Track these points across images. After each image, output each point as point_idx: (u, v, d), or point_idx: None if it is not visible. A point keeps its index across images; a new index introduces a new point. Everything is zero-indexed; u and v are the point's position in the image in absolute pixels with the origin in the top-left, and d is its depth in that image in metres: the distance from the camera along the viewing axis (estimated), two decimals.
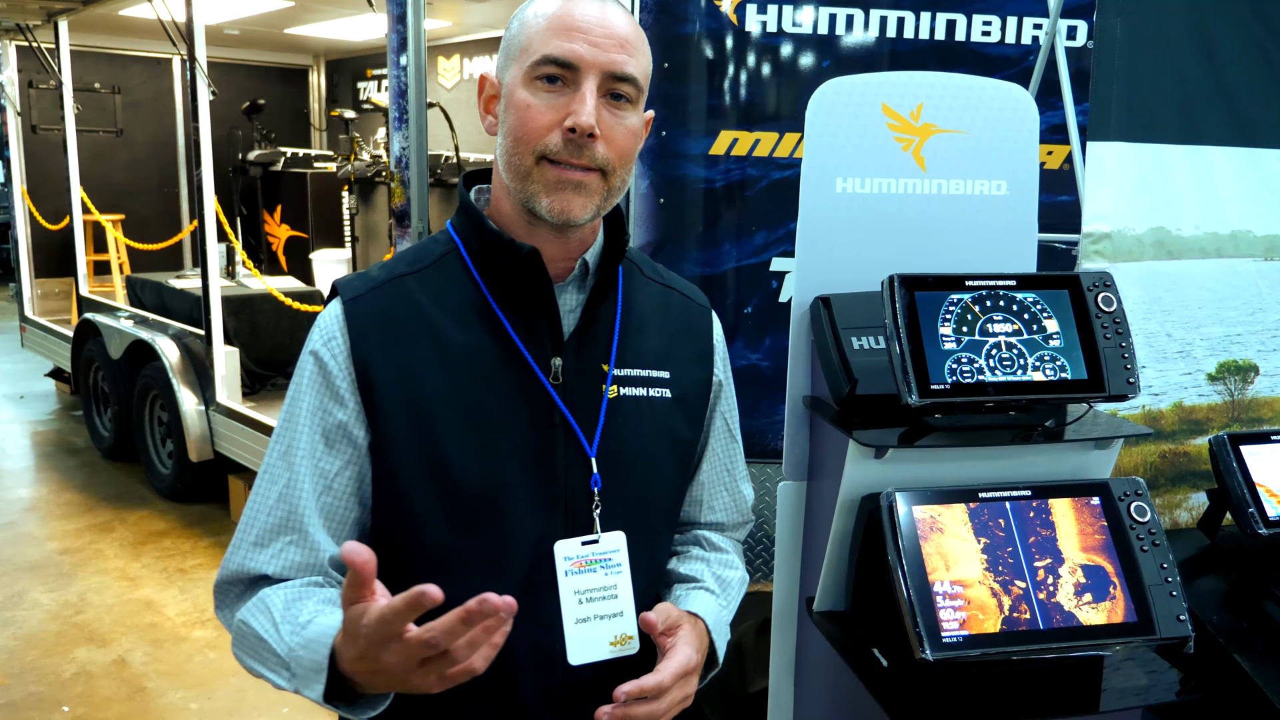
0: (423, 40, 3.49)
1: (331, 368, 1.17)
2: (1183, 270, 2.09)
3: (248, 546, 1.17)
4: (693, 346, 1.37)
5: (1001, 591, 1.48)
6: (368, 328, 1.18)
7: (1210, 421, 2.14)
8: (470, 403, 1.18)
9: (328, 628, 1.03)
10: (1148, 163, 2.04)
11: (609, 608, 1.21)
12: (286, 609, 1.10)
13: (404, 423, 1.16)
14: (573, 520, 1.22)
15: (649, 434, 1.29)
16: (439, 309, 1.20)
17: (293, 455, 1.16)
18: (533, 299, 1.21)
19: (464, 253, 1.25)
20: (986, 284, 1.63)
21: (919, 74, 1.89)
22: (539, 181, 1.16)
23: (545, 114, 1.15)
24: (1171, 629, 1.51)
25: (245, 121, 7.33)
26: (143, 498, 5.53)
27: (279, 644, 1.07)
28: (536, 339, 1.22)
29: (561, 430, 1.21)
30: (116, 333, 5.69)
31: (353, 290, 1.21)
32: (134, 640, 3.99)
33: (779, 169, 2.76)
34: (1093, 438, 1.65)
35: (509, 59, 1.19)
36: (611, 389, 1.25)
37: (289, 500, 1.16)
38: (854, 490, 1.66)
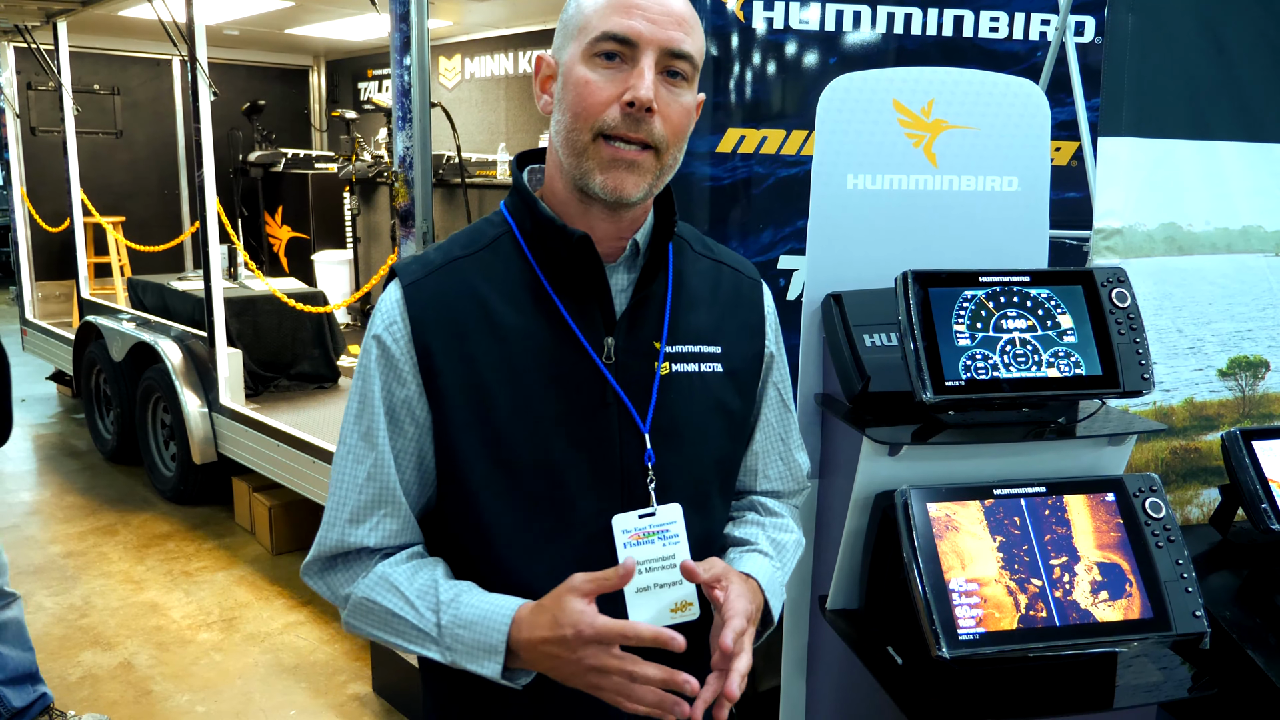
0: (426, 40, 3.49)
1: (394, 351, 1.22)
2: (1194, 266, 2.09)
3: (343, 524, 1.25)
4: (743, 320, 1.37)
5: (1018, 590, 1.47)
6: (426, 312, 1.22)
7: (1221, 417, 2.14)
8: (525, 384, 1.21)
9: (494, 612, 1.15)
10: (1158, 158, 2.03)
11: (668, 576, 1.23)
12: (411, 583, 1.21)
13: (462, 404, 1.21)
14: (629, 494, 1.25)
15: (700, 408, 1.31)
16: (494, 291, 1.23)
17: (374, 435, 1.23)
18: (585, 282, 1.24)
19: (518, 234, 1.27)
20: (1000, 280, 1.62)
21: (930, 70, 1.89)
22: (594, 158, 1.18)
23: (604, 89, 1.16)
24: (1187, 625, 1.51)
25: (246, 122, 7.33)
26: (146, 500, 5.51)
27: (421, 620, 1.19)
28: (589, 319, 1.24)
29: (615, 408, 1.24)
30: (118, 335, 5.67)
31: (411, 275, 1.24)
32: (139, 643, 3.97)
33: (786, 166, 2.76)
34: (1106, 434, 1.65)
35: (567, 38, 1.21)
36: (663, 366, 1.28)
37: (379, 478, 1.23)
38: (867, 488, 1.65)
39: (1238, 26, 2.04)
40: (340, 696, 3.59)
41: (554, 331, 1.23)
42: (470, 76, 7.34)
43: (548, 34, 6.34)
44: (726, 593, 1.19)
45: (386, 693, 3.57)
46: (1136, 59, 1.97)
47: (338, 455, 1.27)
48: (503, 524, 1.22)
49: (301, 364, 5.60)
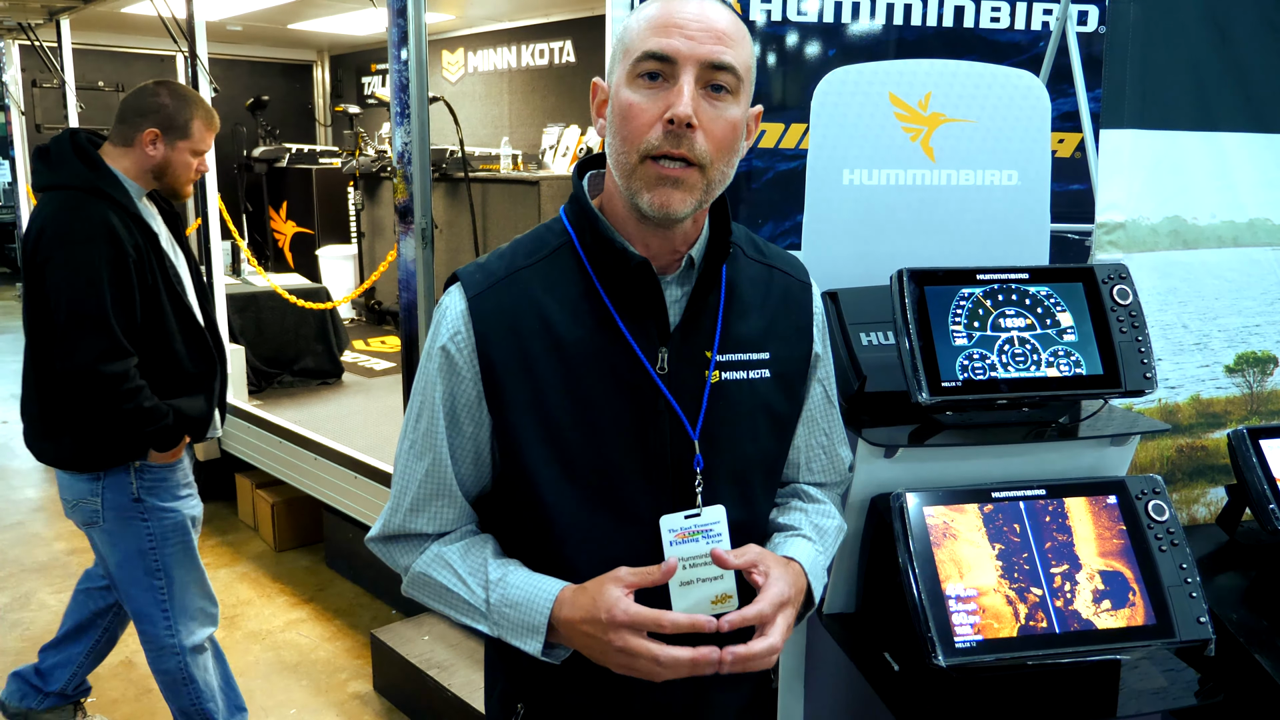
0: (423, 34, 3.45)
1: (458, 360, 1.28)
2: (1199, 260, 2.04)
3: (405, 512, 1.35)
4: (792, 323, 1.41)
5: (1017, 599, 1.44)
6: (490, 325, 1.27)
7: (1228, 414, 2.10)
8: (583, 393, 1.27)
9: (538, 593, 1.25)
10: (1162, 150, 1.99)
11: (710, 572, 1.30)
12: (464, 561, 1.32)
13: (524, 411, 1.27)
14: (679, 495, 1.31)
15: (748, 413, 1.36)
16: (554, 302, 1.28)
17: (434, 437, 1.32)
18: (643, 301, 1.28)
19: (578, 246, 1.31)
20: (998, 277, 1.59)
21: (927, 62, 1.85)
22: (641, 178, 1.21)
23: (647, 110, 1.19)
24: (1191, 631, 1.47)
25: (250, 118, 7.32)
26: None
27: (471, 596, 1.30)
28: (644, 331, 1.29)
29: (667, 416, 1.29)
30: None
31: (476, 286, 1.29)
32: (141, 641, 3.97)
33: (785, 160, 2.71)
34: (1109, 434, 1.61)
35: (615, 61, 1.25)
36: (714, 374, 1.32)
37: (436, 476, 1.33)
38: (864, 490, 1.62)
39: (1243, 14, 1.99)
40: (341, 695, 3.58)
41: (611, 343, 1.28)
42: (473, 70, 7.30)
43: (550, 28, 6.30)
44: (766, 577, 1.25)
45: (388, 691, 3.55)
46: (1139, 48, 1.93)
47: (401, 448, 1.37)
48: (561, 517, 1.29)
49: (305, 360, 5.59)
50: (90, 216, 2.49)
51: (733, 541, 1.31)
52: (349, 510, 4.21)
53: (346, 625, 4.06)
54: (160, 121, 2.67)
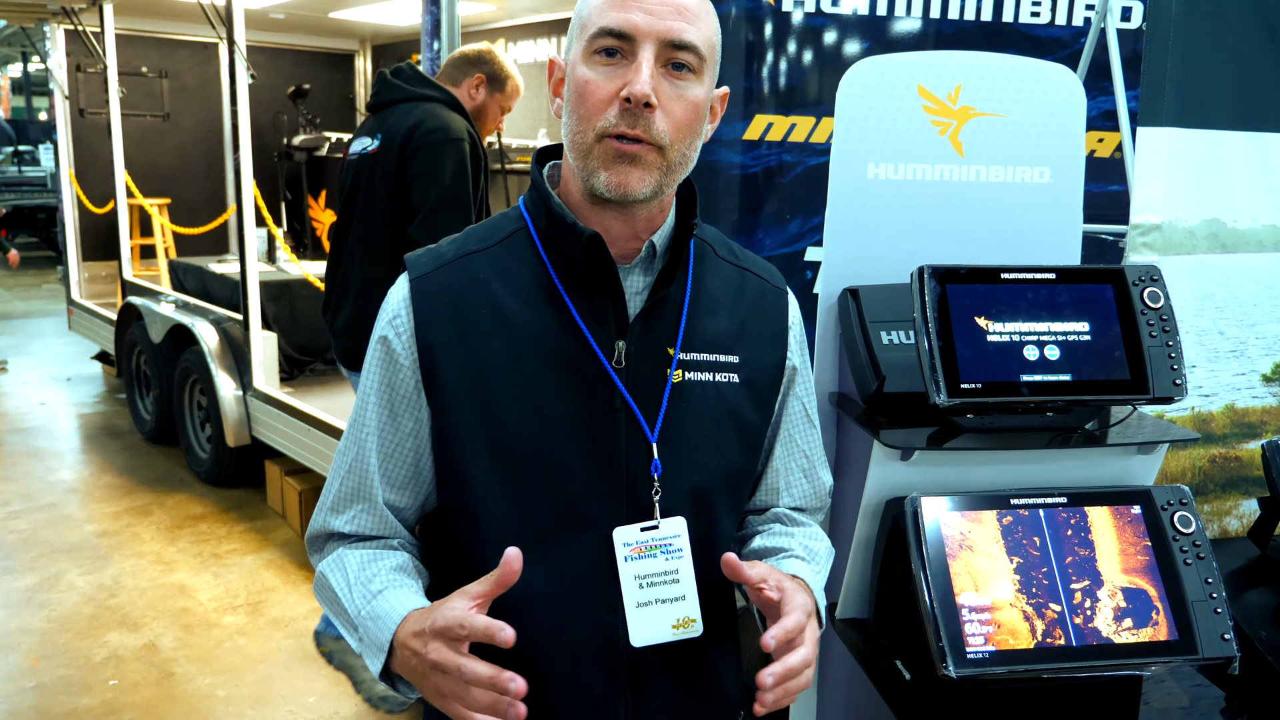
0: (456, 22, 3.44)
1: (396, 346, 1.21)
2: (1238, 264, 1.97)
3: (326, 510, 1.28)
4: (765, 329, 1.33)
5: (1034, 615, 1.39)
6: (433, 306, 1.20)
7: (1264, 425, 2.02)
8: (531, 383, 1.19)
9: (394, 609, 1.13)
10: (1202, 149, 1.92)
11: (670, 592, 1.21)
12: (360, 570, 1.21)
13: (465, 400, 1.19)
14: (634, 503, 1.21)
15: (713, 419, 1.26)
16: (505, 287, 1.21)
17: (360, 429, 1.24)
18: (597, 282, 1.21)
19: (533, 231, 1.25)
20: (1024, 277, 1.53)
21: (957, 54, 1.80)
22: (598, 157, 1.15)
23: (604, 87, 1.14)
24: (1215, 649, 1.41)
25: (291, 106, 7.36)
26: (182, 481, 5.57)
27: (350, 605, 1.18)
28: (600, 321, 1.21)
29: (623, 414, 1.21)
30: (158, 317, 5.73)
31: (420, 268, 1.23)
32: (165, 625, 4.00)
33: (815, 155, 2.67)
34: (1136, 442, 1.55)
35: (572, 39, 1.20)
36: (676, 373, 1.24)
37: (358, 472, 1.25)
38: (879, 493, 1.58)
39: None
40: None
41: (564, 331, 1.20)
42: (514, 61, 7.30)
43: None
44: (783, 591, 1.15)
45: None
46: (1181, 43, 1.86)
47: (340, 441, 1.30)
48: (504, 527, 1.19)
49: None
50: (457, 123, 3.05)
51: (695, 559, 1.21)
52: None
53: None
54: (488, 72, 3.26)
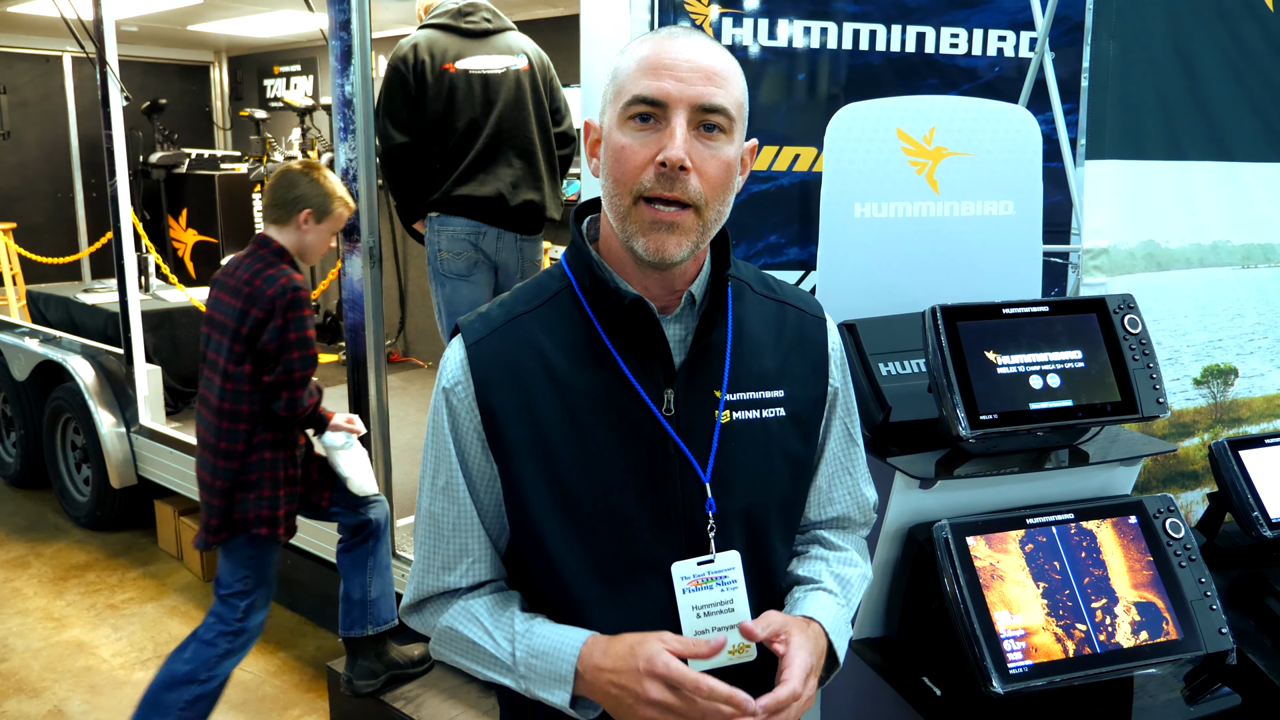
0: (369, 47, 3.37)
1: (459, 410, 1.26)
2: (1170, 280, 2.17)
3: (438, 570, 1.32)
4: (807, 360, 1.37)
5: (1065, 636, 1.51)
6: (489, 371, 1.25)
7: (1196, 424, 2.23)
8: (588, 439, 1.24)
9: (563, 642, 1.21)
10: (1138, 179, 2.10)
11: (726, 620, 1.27)
12: (493, 616, 1.28)
13: (528, 459, 1.24)
14: (691, 539, 1.27)
15: (762, 454, 1.32)
16: (555, 347, 1.26)
17: (454, 490, 1.29)
18: (643, 339, 1.25)
19: (578, 290, 1.28)
20: (1022, 311, 1.65)
21: (930, 98, 1.91)
22: (635, 221, 1.19)
23: (639, 152, 1.18)
24: (1215, 643, 1.56)
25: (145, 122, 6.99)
26: (58, 528, 5.22)
27: (497, 649, 1.25)
28: (649, 373, 1.26)
29: (677, 460, 1.26)
30: (21, 352, 5.34)
31: (474, 334, 1.27)
32: (69, 687, 3.75)
33: (757, 182, 2.76)
34: (1128, 457, 1.70)
35: (606, 103, 1.24)
36: (724, 414, 1.29)
37: (464, 529, 1.30)
38: (899, 519, 1.67)
39: (1207, 52, 2.12)
40: None
41: (614, 386, 1.25)
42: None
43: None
44: (788, 646, 1.21)
45: None
46: (1119, 84, 2.03)
47: (422, 506, 1.33)
48: (571, 568, 1.26)
49: None
50: None
51: (749, 588, 1.27)
52: None
53: (291, 657, 3.94)
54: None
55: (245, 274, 2.79)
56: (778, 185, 2.74)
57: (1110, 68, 2.02)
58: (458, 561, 1.31)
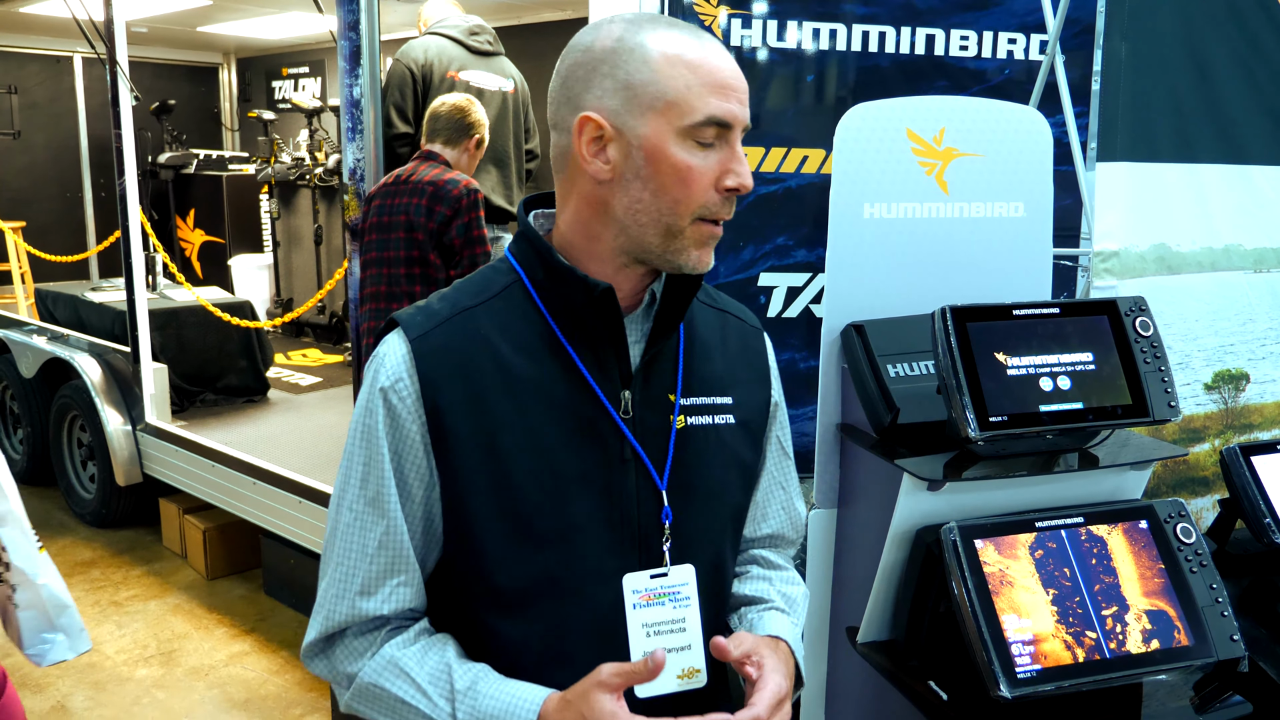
0: (377, 49, 3.37)
1: (401, 411, 1.16)
2: (1181, 284, 2.15)
3: (353, 596, 1.19)
4: (752, 369, 1.35)
5: (1075, 644, 1.49)
6: (436, 369, 1.16)
7: (1207, 429, 2.21)
8: (541, 439, 1.16)
9: (513, 705, 1.11)
10: (1149, 181, 2.09)
11: (677, 640, 1.19)
12: (421, 667, 1.16)
13: (475, 463, 1.16)
14: (645, 552, 1.21)
15: (717, 462, 1.28)
16: (506, 342, 1.18)
17: (384, 501, 1.18)
18: (601, 334, 1.19)
19: (528, 284, 1.21)
20: (1033, 313, 1.64)
21: (940, 99, 1.90)
22: (691, 239, 1.15)
23: (706, 174, 1.13)
24: (1227, 650, 1.55)
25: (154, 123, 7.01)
26: (63, 525, 5.22)
27: (434, 710, 1.14)
28: (606, 372, 1.20)
29: (633, 464, 1.20)
30: (28, 350, 5.35)
31: (418, 328, 1.18)
32: (72, 683, 3.76)
33: (765, 184, 2.75)
34: (1139, 460, 1.68)
35: (639, 107, 1.14)
36: (679, 419, 1.24)
37: (391, 546, 1.18)
38: (906, 522, 1.65)
39: (1220, 53, 2.11)
40: None
41: (571, 385, 1.18)
42: None
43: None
44: (761, 670, 1.16)
45: None
46: (1130, 85, 2.02)
47: (339, 521, 1.20)
48: (514, 582, 1.18)
49: (229, 377, 5.38)
50: None
51: (702, 605, 1.21)
52: (289, 535, 4.07)
53: (293, 656, 3.93)
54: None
55: (427, 177, 3.31)
56: (785, 187, 2.73)
57: (1122, 69, 2.00)
58: (381, 584, 1.18)
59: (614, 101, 1.14)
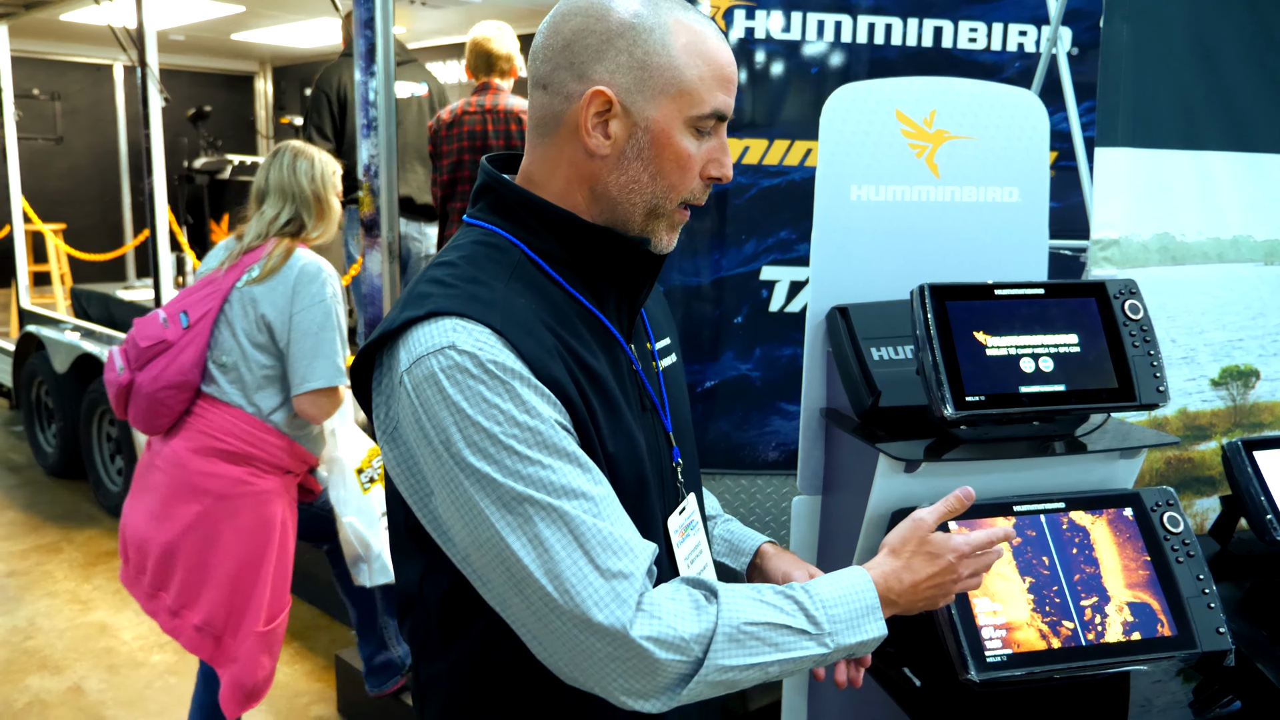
0: (391, 45, 3.40)
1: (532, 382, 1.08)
2: (1187, 276, 2.09)
3: (635, 554, 1.07)
4: (665, 306, 1.44)
5: (1050, 634, 1.45)
6: (525, 342, 1.09)
7: (1214, 427, 2.15)
8: (613, 405, 1.17)
9: (843, 579, 1.17)
10: (1153, 168, 2.03)
11: (701, 563, 1.30)
12: (760, 592, 1.13)
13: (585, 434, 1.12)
14: (669, 495, 1.27)
15: (686, 399, 1.38)
16: (549, 315, 1.14)
17: (585, 469, 1.08)
18: (624, 290, 1.23)
19: (534, 256, 1.18)
20: (1015, 293, 1.60)
21: (931, 80, 1.87)
22: (666, 220, 1.20)
23: (697, 161, 1.18)
24: (1212, 642, 1.49)
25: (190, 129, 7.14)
26: (91, 517, 5.31)
27: (794, 620, 1.11)
28: (623, 330, 1.24)
29: (651, 414, 1.26)
30: (62, 346, 5.46)
31: (489, 316, 1.09)
32: (89, 666, 3.81)
33: (768, 176, 2.72)
34: (1125, 446, 1.63)
35: (652, 89, 1.14)
36: (659, 364, 1.32)
37: (617, 506, 1.11)
38: (883, 505, 1.61)
39: (1228, 37, 2.05)
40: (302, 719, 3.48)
41: (605, 344, 1.20)
42: None
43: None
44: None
45: (352, 713, 3.46)
46: (1132, 69, 1.97)
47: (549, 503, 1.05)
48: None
49: None
50: None
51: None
52: None
53: (305, 648, 3.95)
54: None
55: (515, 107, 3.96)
56: (789, 180, 2.70)
57: (1124, 52, 1.96)
58: (636, 537, 1.08)
59: (626, 79, 1.14)
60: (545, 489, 1.03)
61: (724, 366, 2.82)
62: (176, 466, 2.65)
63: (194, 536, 2.64)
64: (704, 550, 1.33)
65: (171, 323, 2.68)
